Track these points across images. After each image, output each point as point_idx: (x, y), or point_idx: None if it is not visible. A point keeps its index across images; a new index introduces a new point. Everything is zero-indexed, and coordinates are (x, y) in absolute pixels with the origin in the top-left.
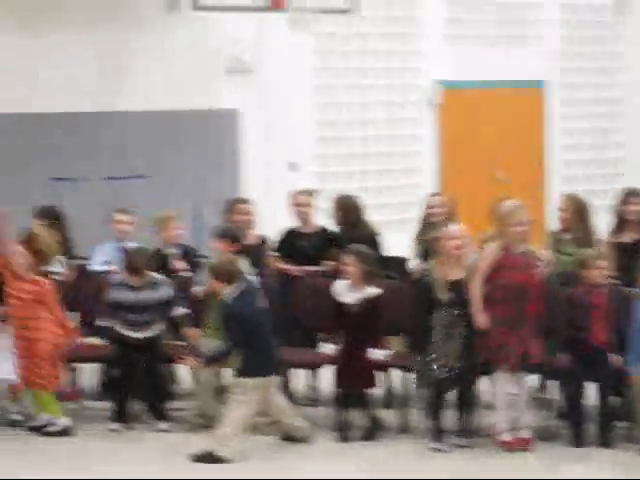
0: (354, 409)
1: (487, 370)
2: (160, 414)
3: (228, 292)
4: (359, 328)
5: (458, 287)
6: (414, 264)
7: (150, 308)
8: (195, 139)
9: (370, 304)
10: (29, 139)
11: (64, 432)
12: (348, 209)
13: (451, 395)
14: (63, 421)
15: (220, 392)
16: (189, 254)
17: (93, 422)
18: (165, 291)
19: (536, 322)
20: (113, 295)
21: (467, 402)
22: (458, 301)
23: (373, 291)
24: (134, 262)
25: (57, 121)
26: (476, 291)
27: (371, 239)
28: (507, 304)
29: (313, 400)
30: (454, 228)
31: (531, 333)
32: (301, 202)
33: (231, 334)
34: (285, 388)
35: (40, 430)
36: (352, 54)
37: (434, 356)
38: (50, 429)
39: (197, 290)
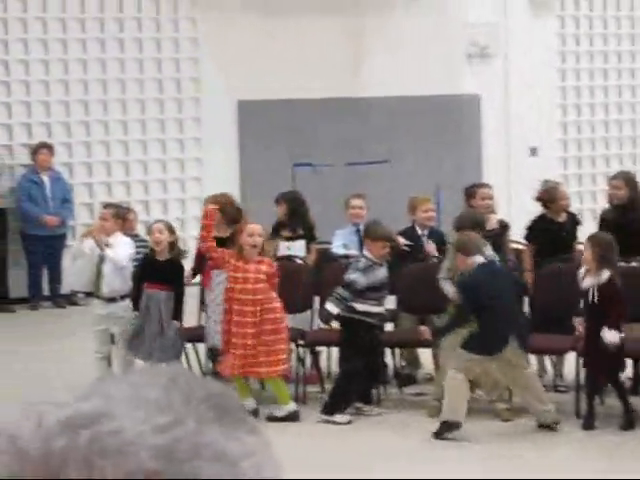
0: (602, 395)
1: None
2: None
3: (469, 265)
4: (596, 313)
5: None
6: None
7: (384, 285)
8: (436, 124)
9: (603, 289)
10: (274, 124)
11: (291, 416)
12: (635, 188)
13: None
14: (291, 406)
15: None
16: (436, 237)
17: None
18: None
19: None
20: (363, 280)
21: None
22: None
23: (604, 276)
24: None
25: (300, 107)
26: None
27: None
28: None
29: (560, 386)
30: None
31: None
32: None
33: (463, 303)
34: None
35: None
36: (595, 37)
37: None
38: (277, 414)
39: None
